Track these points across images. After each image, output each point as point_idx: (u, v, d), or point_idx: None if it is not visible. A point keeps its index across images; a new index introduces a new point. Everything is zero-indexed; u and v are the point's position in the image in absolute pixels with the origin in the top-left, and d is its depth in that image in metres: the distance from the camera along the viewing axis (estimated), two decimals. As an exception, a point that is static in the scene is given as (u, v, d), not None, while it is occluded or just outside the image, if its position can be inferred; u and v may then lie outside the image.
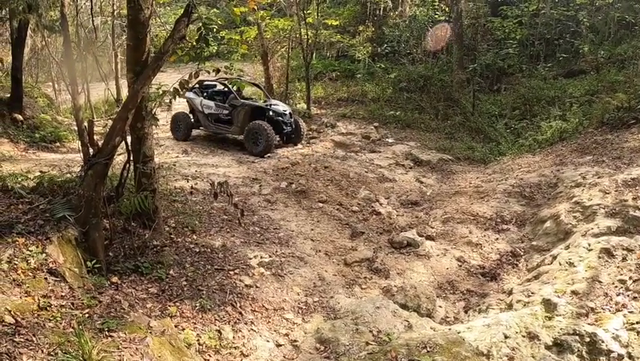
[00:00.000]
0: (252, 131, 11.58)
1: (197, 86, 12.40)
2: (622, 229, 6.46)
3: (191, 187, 7.53)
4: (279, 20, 14.86)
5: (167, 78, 8.15)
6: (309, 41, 14.66)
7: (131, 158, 5.69)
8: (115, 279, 4.89)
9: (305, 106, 14.34)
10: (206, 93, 13.03)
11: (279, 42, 15.72)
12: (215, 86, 13.18)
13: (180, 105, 11.78)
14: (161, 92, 5.86)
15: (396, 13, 18.67)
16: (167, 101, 5.79)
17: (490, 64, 15.09)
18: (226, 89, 12.84)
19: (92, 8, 11.77)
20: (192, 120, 12.91)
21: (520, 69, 15.16)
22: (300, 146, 12.46)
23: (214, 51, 18.32)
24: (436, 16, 17.64)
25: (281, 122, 12.14)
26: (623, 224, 6.55)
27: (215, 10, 17.83)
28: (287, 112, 12.37)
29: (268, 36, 15.00)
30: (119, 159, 5.96)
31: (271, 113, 12.04)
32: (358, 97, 15.48)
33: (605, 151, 9.28)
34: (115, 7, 14.80)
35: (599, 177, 8.03)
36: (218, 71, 5.93)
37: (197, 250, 6.02)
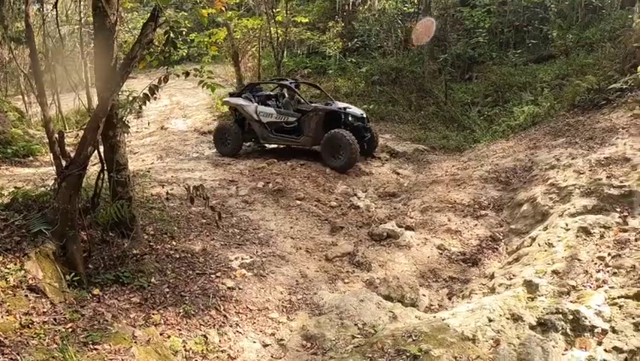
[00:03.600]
0: (331, 143, 10.08)
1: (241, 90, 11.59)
2: (598, 208, 6.57)
3: (167, 193, 7.46)
4: (248, 20, 14.78)
5: (138, 84, 8.07)
6: (280, 40, 14.63)
7: (105, 167, 5.62)
8: (96, 291, 4.84)
9: (278, 104, 14.26)
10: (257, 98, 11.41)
11: (249, 42, 15.65)
12: (261, 89, 12.03)
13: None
14: (131, 99, 5.79)
15: (366, 7, 18.72)
16: (137, 107, 5.72)
17: (461, 53, 15.25)
18: (272, 91, 11.68)
19: (57, 17, 11.54)
20: (243, 131, 11.24)
21: (490, 57, 15.33)
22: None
23: (184, 54, 18.18)
24: (405, 8, 17.76)
25: (361, 129, 10.65)
26: (598, 202, 6.66)
27: (183, 12, 17.67)
28: (364, 116, 10.90)
29: (238, 36, 14.92)
30: (93, 169, 5.85)
31: (350, 118, 10.54)
32: (331, 93, 15.35)
33: (577, 133, 9.43)
34: (82, 15, 14.55)
35: (572, 158, 8.16)
36: (187, 74, 5.87)
37: (178, 256, 5.98)
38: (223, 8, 12.82)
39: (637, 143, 8.00)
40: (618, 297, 4.81)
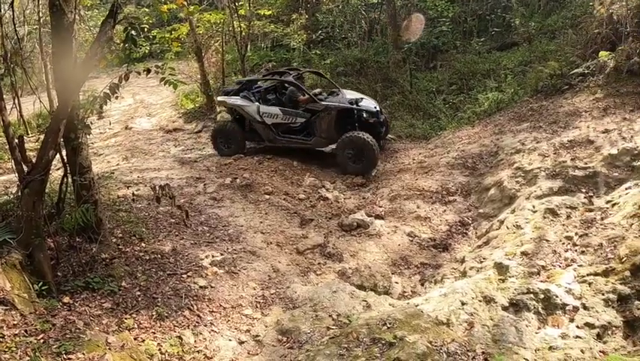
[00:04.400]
0: (349, 146, 9.41)
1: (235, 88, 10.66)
2: (564, 189, 6.75)
3: (133, 194, 7.31)
4: (210, 14, 14.56)
5: (100, 84, 7.85)
6: (243, 33, 14.45)
7: (68, 171, 5.48)
8: (67, 299, 4.75)
9: (244, 100, 14.12)
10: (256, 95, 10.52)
11: (212, 37, 15.42)
12: (255, 82, 11.02)
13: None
14: (91, 99, 5.64)
15: (330, -2, 18.65)
16: (99, 107, 5.58)
17: (425, 42, 15.29)
18: (272, 83, 10.76)
19: (13, 17, 11.08)
20: (244, 130, 10.48)
21: (454, 46, 15.44)
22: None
23: (146, 51, 17.79)
24: (369, -2, 17.75)
25: (377, 124, 9.94)
26: (564, 184, 6.83)
27: (144, 9, 17.28)
28: (378, 109, 10.14)
29: (201, 31, 14.68)
30: (57, 174, 5.69)
31: (364, 115, 9.81)
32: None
33: (541, 117, 9.60)
34: (41, 15, 14.07)
35: (537, 142, 8.32)
36: (148, 71, 5.75)
37: (148, 258, 5.89)
38: (185, 3, 12.63)
39: (599, 125, 8.22)
40: (587, 275, 4.95)
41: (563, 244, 5.62)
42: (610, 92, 9.51)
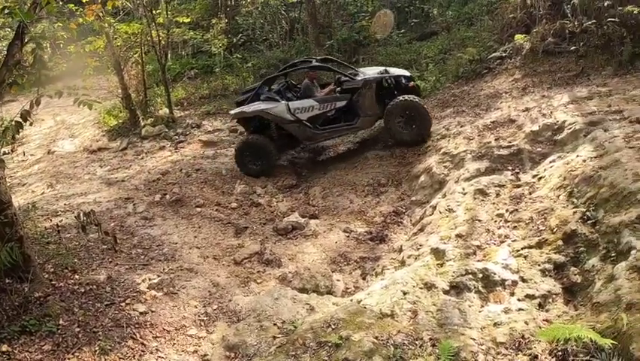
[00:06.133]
0: (399, 113, 8.76)
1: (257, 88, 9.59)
2: (491, 169, 6.91)
3: (57, 225, 6.93)
4: (127, 25, 14.00)
5: (18, 107, 7.36)
6: (162, 43, 14.01)
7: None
8: (4, 347, 4.48)
9: (167, 111, 13.71)
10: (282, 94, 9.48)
11: (131, 48, 14.85)
12: (274, 80, 10.02)
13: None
14: (2, 130, 5.23)
15: (248, 0, 18.45)
16: (11, 138, 5.19)
17: (347, 38, 15.43)
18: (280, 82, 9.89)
19: None
20: (273, 140, 9.47)
21: (375, 39, 15.67)
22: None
23: (63, 68, 16.92)
24: (288, -1, 17.70)
25: (416, 88, 9.44)
26: (490, 164, 7.00)
27: (59, 23, 16.39)
28: (411, 75, 9.80)
29: (118, 44, 14.09)
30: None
31: (403, 80, 9.29)
32: (220, 91, 15.06)
33: (463, 102, 9.84)
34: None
35: (461, 126, 8.51)
36: (61, 94, 5.40)
37: (83, 290, 5.60)
38: (100, 14, 12.07)
39: (520, 105, 8.51)
40: (522, 248, 5.09)
41: (495, 222, 5.74)
42: (527, 73, 9.90)
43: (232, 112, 10.01)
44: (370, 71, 9.66)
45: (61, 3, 7.29)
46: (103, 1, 12.65)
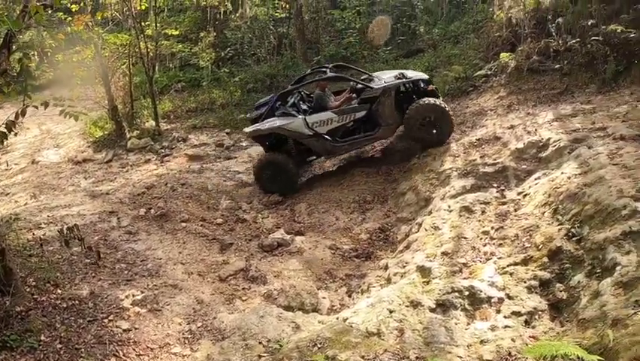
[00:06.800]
0: (420, 117, 8.48)
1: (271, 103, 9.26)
2: (476, 186, 6.93)
3: (40, 238, 6.81)
4: (116, 36, 13.95)
5: (3, 115, 7.25)
6: (150, 54, 13.97)
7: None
8: None
9: (154, 123, 13.64)
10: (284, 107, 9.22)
11: (119, 59, 14.79)
12: (289, 94, 9.64)
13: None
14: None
15: (237, 15, 18.51)
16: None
17: (334, 54, 15.55)
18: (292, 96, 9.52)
19: None
20: (292, 156, 9.21)
21: (362, 55, 15.75)
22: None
23: (50, 77, 16.78)
24: (277, 14, 17.79)
25: (435, 91, 9.14)
26: (476, 181, 7.03)
27: (47, 32, 16.28)
28: (429, 78, 9.59)
29: (106, 54, 14.02)
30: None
31: (422, 85, 9.07)
32: (207, 105, 15.05)
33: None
34: None
35: (447, 143, 8.55)
36: (47, 104, 5.33)
37: (65, 306, 5.51)
38: (89, 24, 12.01)
39: (505, 122, 8.59)
40: (507, 265, 5.11)
41: (481, 239, 5.77)
42: (512, 90, 10.02)
43: (247, 130, 9.78)
44: (385, 76, 9.37)
45: (50, 11, 7.23)
46: (92, 11, 12.66)
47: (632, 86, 8.41)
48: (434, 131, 8.56)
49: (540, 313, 4.52)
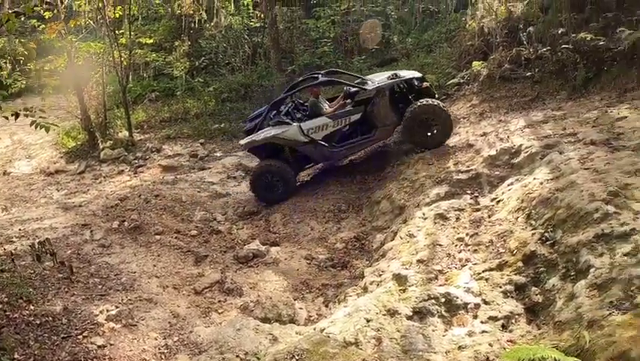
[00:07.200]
0: (419, 118, 8.34)
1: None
2: (450, 193, 6.96)
3: (11, 253, 6.66)
4: (89, 44, 13.74)
5: None
6: (124, 63, 13.81)
7: None
8: None
9: (127, 134, 13.47)
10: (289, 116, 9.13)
11: (92, 68, 14.57)
12: (281, 103, 9.55)
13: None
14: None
15: (212, 24, 18.44)
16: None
17: (308, 63, 15.56)
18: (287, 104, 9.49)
19: None
20: (289, 164, 9.09)
21: (337, 65, 15.78)
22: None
23: (22, 86, 16.44)
24: (252, 23, 17.79)
25: (430, 89, 9.02)
26: (450, 188, 7.06)
27: (19, 40, 15.93)
28: (423, 76, 9.45)
29: (80, 63, 13.81)
30: None
31: (416, 83, 8.92)
32: (181, 115, 14.88)
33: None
34: None
35: (421, 151, 8.60)
36: (17, 115, 5.23)
37: (39, 322, 5.39)
38: (62, 32, 11.80)
39: (478, 130, 8.70)
40: (483, 271, 5.14)
41: (456, 245, 5.80)
42: (485, 98, 10.16)
43: (242, 142, 9.65)
44: (378, 78, 9.24)
45: (22, 18, 7.09)
46: (65, 19, 12.48)
47: (602, 92, 8.59)
48: (433, 132, 8.48)
49: (517, 317, 4.55)
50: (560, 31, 9.75)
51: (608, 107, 7.79)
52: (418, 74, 9.38)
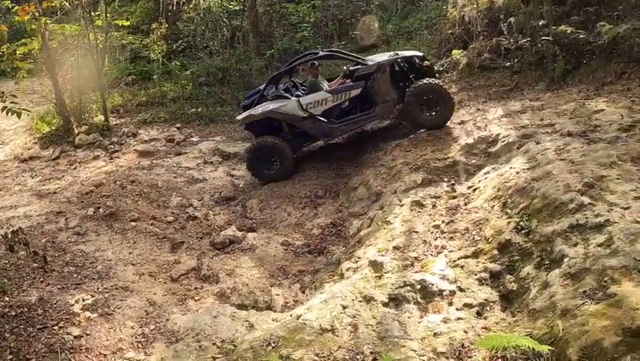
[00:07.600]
0: (420, 96, 8.27)
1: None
2: (427, 180, 7.00)
3: (-19, 245, 6.51)
4: (64, 26, 13.39)
5: None
6: (100, 46, 13.52)
7: None
8: None
9: (102, 118, 13.24)
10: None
11: (67, 50, 14.23)
12: (280, 78, 9.42)
13: None
14: None
15: (190, 6, 18.14)
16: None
17: (288, 47, 15.47)
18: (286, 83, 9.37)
19: None
20: (287, 140, 8.95)
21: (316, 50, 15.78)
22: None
23: (-5, 70, 16.02)
24: (231, 6, 17.55)
25: (431, 68, 9.00)
26: (427, 175, 7.11)
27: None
28: (424, 55, 9.41)
29: (54, 45, 13.47)
30: None
31: (417, 61, 8.85)
32: (158, 99, 14.73)
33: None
34: None
35: (398, 138, 8.63)
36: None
37: (14, 313, 5.32)
38: (37, 13, 11.46)
39: (456, 118, 8.74)
40: (458, 258, 5.19)
41: (432, 233, 5.84)
42: (464, 87, 10.21)
43: (239, 117, 9.50)
44: (379, 58, 9.17)
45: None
46: (39, 0, 12.14)
47: (580, 85, 8.70)
48: (434, 112, 8.41)
49: (491, 304, 4.59)
50: (540, 23, 9.83)
51: (585, 99, 7.87)
52: (419, 53, 9.38)
